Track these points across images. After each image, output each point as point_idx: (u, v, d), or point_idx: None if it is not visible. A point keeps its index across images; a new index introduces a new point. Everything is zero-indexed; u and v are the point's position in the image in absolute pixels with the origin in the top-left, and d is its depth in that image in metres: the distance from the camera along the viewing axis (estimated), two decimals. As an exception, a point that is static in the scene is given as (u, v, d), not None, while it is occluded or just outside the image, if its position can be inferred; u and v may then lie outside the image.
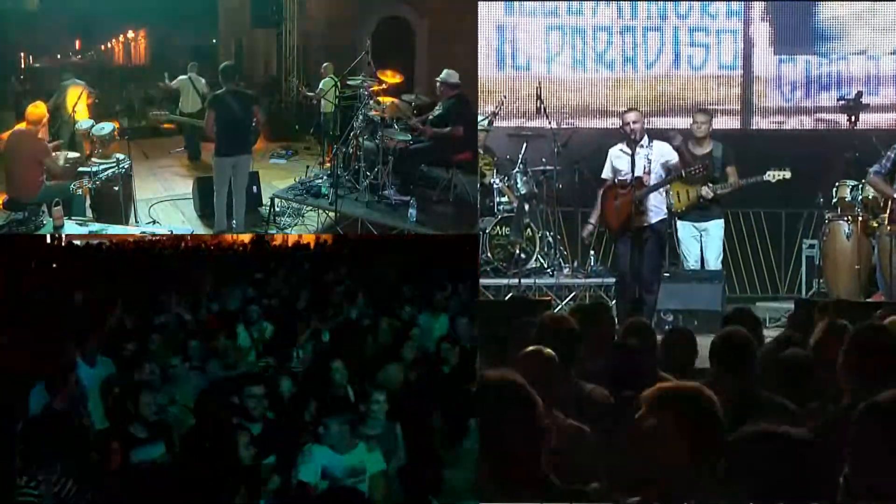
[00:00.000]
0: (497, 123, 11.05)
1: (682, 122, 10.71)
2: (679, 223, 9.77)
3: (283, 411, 5.53)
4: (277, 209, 10.75)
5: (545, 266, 10.48)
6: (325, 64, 13.47)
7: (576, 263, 10.84)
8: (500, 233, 10.46)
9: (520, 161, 10.64)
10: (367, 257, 11.85)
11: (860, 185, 9.70)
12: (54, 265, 10.34)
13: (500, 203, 10.48)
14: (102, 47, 18.45)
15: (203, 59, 14.19)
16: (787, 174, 9.31)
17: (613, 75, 11.77)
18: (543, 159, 10.77)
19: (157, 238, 10.65)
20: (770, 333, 6.44)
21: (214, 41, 16.97)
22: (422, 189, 10.53)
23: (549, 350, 4.37)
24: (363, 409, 5.20)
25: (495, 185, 10.48)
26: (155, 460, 5.03)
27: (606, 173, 9.10)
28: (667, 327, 8.94)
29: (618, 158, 8.95)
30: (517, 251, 10.33)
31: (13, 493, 4.56)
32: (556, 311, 8.21)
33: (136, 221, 9.91)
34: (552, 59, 11.72)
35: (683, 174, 8.97)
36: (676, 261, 10.01)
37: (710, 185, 9.54)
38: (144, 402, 5.16)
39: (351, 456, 4.89)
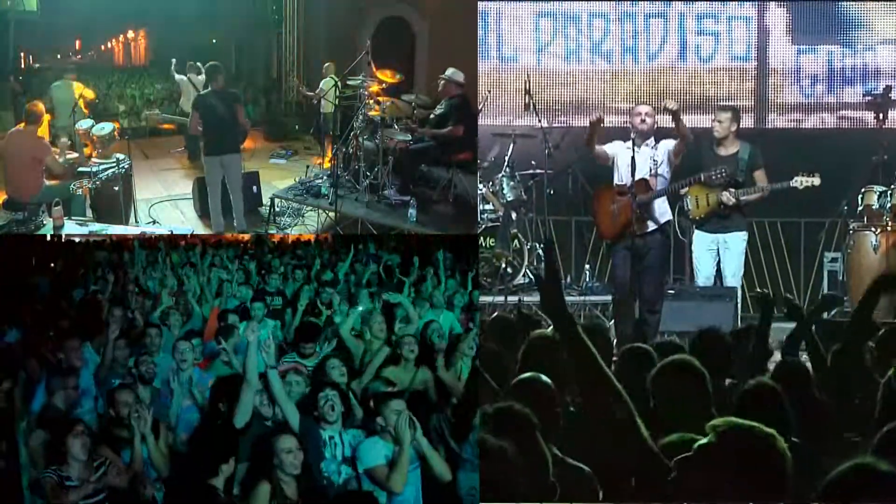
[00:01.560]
0: (480, 122, 10.22)
1: (689, 121, 9.62)
2: (696, 232, 8.69)
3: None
4: (277, 209, 10.79)
5: (534, 282, 9.44)
6: (325, 64, 13.49)
7: (569, 279, 10.03)
8: (484, 244, 9.66)
9: (506, 164, 9.88)
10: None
11: (889, 191, 8.88)
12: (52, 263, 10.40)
13: (483, 211, 9.79)
14: (102, 47, 18.45)
15: (203, 59, 14.22)
16: (817, 181, 8.23)
17: (611, 68, 10.73)
18: (533, 162, 10.00)
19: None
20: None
21: (214, 41, 16.97)
22: (422, 189, 10.51)
23: (546, 378, 4.09)
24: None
25: (479, 191, 9.85)
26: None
27: (603, 150, 8.19)
28: None
29: (622, 153, 8.14)
30: (503, 265, 9.51)
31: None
32: (547, 330, 7.51)
33: (136, 221, 9.96)
34: (542, 50, 10.74)
35: (703, 178, 8.17)
36: (682, 276, 9.14)
37: (732, 189, 8.40)
38: (122, 402, 5.06)
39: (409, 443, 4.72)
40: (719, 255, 8.66)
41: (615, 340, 7.21)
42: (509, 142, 10.01)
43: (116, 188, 9.74)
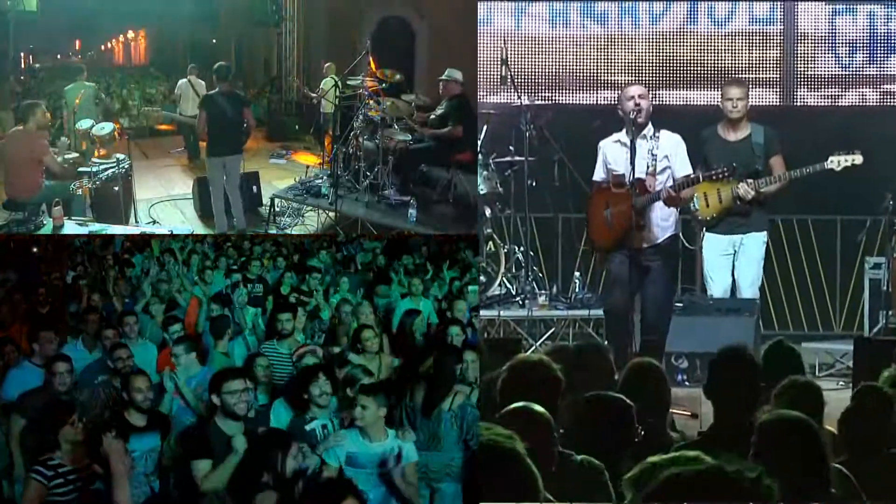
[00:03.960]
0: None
1: (701, 97, 8.73)
2: (707, 236, 7.37)
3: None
4: (277, 209, 10.84)
5: (513, 292, 8.57)
6: (326, 64, 13.53)
7: (555, 289, 8.77)
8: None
9: (478, 150, 8.75)
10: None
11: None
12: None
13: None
14: (102, 47, 18.52)
15: (203, 59, 14.26)
16: (858, 158, 6.93)
17: (606, 32, 9.13)
18: (511, 147, 8.71)
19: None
20: (822, 384, 4.94)
21: (214, 41, 17.01)
22: (422, 189, 10.52)
23: (539, 408, 3.69)
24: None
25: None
26: (152, 450, 4.99)
27: (599, 174, 7.19)
28: (679, 377, 6.94)
29: (613, 152, 7.09)
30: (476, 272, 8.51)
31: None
32: (528, 352, 6.44)
33: (136, 221, 10.01)
34: (523, 11, 9.22)
35: (701, 177, 6.91)
36: (693, 286, 8.03)
37: (750, 181, 7.13)
38: (136, 388, 5.08)
39: (382, 444, 4.66)
40: (734, 262, 7.37)
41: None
42: (482, 123, 8.76)
43: (116, 188, 9.81)
